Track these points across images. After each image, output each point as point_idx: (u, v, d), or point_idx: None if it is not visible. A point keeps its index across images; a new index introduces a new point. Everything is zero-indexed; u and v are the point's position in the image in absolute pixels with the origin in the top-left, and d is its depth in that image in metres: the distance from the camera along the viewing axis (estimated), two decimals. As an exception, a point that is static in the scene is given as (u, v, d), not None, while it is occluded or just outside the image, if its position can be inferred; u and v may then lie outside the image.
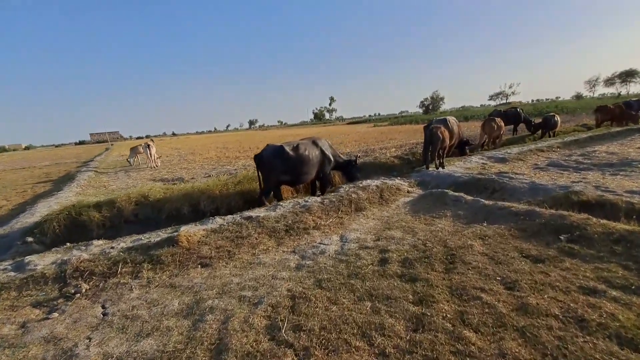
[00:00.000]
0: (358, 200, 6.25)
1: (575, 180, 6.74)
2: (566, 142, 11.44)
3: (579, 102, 44.15)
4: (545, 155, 10.02)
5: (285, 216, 5.39)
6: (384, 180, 7.59)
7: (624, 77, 74.29)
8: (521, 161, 9.38)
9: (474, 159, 9.72)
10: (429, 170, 8.32)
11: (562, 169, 7.89)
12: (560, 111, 31.02)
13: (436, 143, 8.31)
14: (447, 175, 7.69)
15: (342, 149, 17.40)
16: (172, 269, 3.95)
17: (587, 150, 10.02)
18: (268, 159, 6.44)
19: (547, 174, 7.59)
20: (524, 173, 7.62)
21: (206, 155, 20.16)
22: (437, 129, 8.37)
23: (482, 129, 12.25)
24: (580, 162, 8.62)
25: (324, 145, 7.17)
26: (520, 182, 6.41)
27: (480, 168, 8.43)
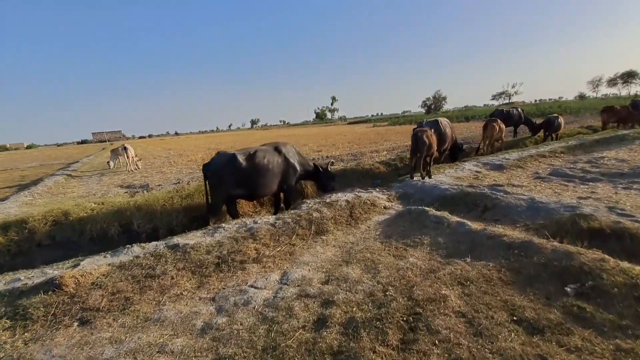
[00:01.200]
0: (321, 220, 5.20)
1: (582, 195, 5.66)
2: (571, 146, 10.34)
3: (582, 103, 42.93)
4: (547, 161, 8.93)
5: (222, 243, 4.34)
6: (358, 192, 6.53)
7: (626, 77, 73.23)
8: (520, 169, 8.29)
9: (467, 166, 8.64)
10: (413, 181, 7.25)
11: (567, 180, 6.81)
12: (564, 112, 29.86)
13: (422, 149, 7.24)
14: (433, 187, 6.62)
15: (332, 151, 16.38)
16: (39, 328, 2.91)
17: (595, 156, 8.92)
18: (217, 170, 5.39)
19: (550, 185, 6.51)
20: (523, 184, 6.54)
21: (192, 157, 19.26)
22: (423, 133, 7.31)
23: (484, 131, 11.14)
24: (587, 170, 7.53)
25: (288, 152, 6.11)
26: (517, 198, 5.34)
27: (472, 178, 7.35)
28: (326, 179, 6.77)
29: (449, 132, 9.63)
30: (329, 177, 6.79)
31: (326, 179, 6.77)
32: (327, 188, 6.90)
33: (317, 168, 6.65)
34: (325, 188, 6.92)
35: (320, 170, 6.67)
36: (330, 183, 6.88)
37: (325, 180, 6.78)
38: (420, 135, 7.25)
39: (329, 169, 6.81)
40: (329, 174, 6.78)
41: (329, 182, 6.84)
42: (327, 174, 6.75)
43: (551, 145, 10.74)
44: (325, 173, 6.72)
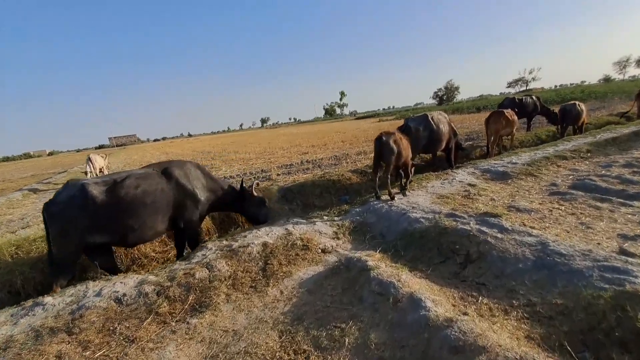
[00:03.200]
0: (208, 284, 3.37)
1: (628, 232, 3.55)
2: (600, 141, 8.04)
3: (608, 86, 39.05)
4: (569, 165, 6.73)
5: (9, 345, 2.59)
6: (293, 225, 4.63)
7: (660, 55, 67.08)
8: (531, 178, 6.16)
9: (460, 174, 6.56)
10: (378, 202, 5.27)
11: (599, 197, 4.67)
12: (588, 97, 26.73)
13: (388, 159, 5.25)
14: (401, 214, 4.63)
15: (318, 154, 14.49)
16: None
17: (634, 156, 6.66)
18: (60, 210, 3.61)
19: (573, 209, 4.40)
20: (532, 208, 4.45)
21: None
22: (390, 137, 5.29)
23: (486, 126, 8.89)
24: (627, 180, 5.34)
25: (183, 176, 4.26)
26: (518, 242, 3.31)
27: (461, 196, 5.28)
28: (252, 205, 4.91)
29: (445, 128, 7.58)
30: (255, 203, 4.92)
31: (252, 205, 4.91)
32: (258, 217, 5.06)
33: (235, 192, 4.80)
34: (253, 218, 5.08)
35: (243, 195, 4.81)
36: (260, 211, 5.02)
37: (251, 207, 4.92)
38: (385, 140, 5.24)
39: (253, 192, 4.91)
40: (255, 199, 4.90)
41: (257, 209, 4.98)
42: (253, 200, 4.89)
43: (573, 141, 8.44)
44: (250, 198, 4.86)
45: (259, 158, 16.37)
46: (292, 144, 21.92)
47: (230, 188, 4.80)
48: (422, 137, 7.19)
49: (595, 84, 71.24)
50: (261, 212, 5.04)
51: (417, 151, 7.47)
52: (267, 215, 5.14)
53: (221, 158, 18.64)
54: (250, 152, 20.36)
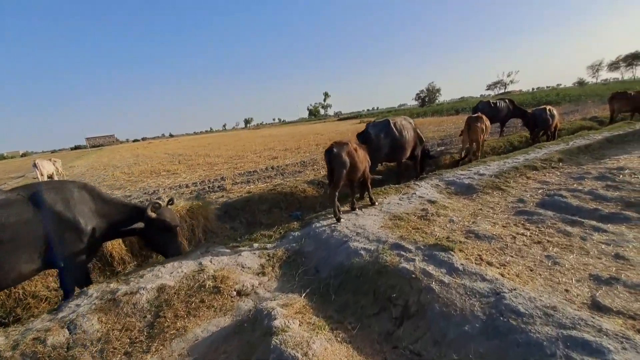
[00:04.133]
0: (61, 356, 2.49)
1: (601, 272, 2.88)
2: (572, 149, 7.56)
3: (582, 89, 39.97)
4: (539, 177, 6.16)
5: None
6: (207, 259, 3.77)
7: (630, 60, 69.82)
8: (498, 192, 5.53)
9: (423, 187, 5.88)
10: (318, 226, 4.48)
11: (570, 221, 4.04)
12: (562, 100, 27.02)
13: (338, 174, 4.47)
14: (341, 241, 3.87)
15: (289, 158, 13.66)
16: None
17: (609, 166, 6.15)
18: None
19: (539, 235, 3.74)
20: (492, 236, 3.77)
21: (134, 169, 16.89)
22: (342, 149, 4.49)
23: (467, 133, 8.26)
24: (601, 196, 4.77)
25: (61, 201, 3.32)
26: (468, 291, 2.59)
27: (417, 217, 4.55)
28: (156, 233, 3.95)
29: (410, 135, 6.90)
30: (161, 228, 3.94)
31: (156, 233, 3.95)
32: (164, 249, 4.05)
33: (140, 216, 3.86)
34: (158, 249, 4.11)
35: (150, 220, 3.87)
36: (166, 240, 4.03)
37: (155, 235, 3.96)
38: (336, 152, 4.45)
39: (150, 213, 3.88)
40: (161, 223, 3.93)
41: (162, 238, 3.99)
42: (158, 224, 3.91)
43: (545, 148, 7.95)
44: (152, 222, 3.86)
45: (226, 163, 15.42)
46: (266, 147, 21.04)
47: (133, 210, 3.88)
48: (384, 145, 6.49)
49: (570, 87, 73.42)
50: (168, 241, 4.05)
51: (379, 160, 6.78)
52: (176, 245, 4.17)
53: (187, 162, 17.59)
54: (221, 155, 19.37)
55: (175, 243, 4.08)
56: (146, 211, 3.81)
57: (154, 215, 3.85)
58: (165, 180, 12.09)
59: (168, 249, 4.00)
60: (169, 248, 4.01)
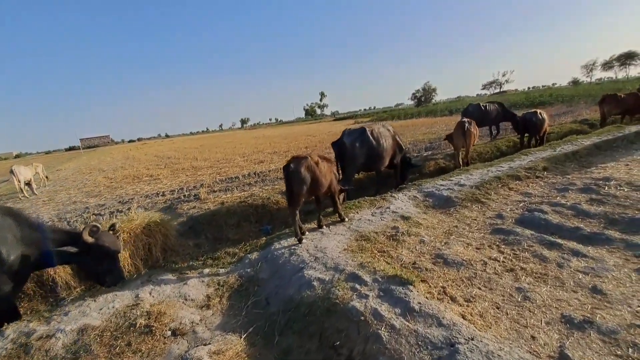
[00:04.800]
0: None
1: (576, 315, 2.55)
2: (559, 156, 7.25)
3: (576, 89, 39.87)
4: (521, 188, 5.83)
5: None
6: (146, 290, 3.40)
7: (623, 59, 70.00)
8: (477, 206, 5.20)
9: (399, 200, 5.53)
10: (278, 247, 4.13)
11: (547, 243, 3.70)
12: (555, 100, 26.83)
13: (299, 190, 4.11)
14: (297, 268, 3.52)
15: (275, 162, 13.30)
16: None
17: (595, 176, 5.84)
18: None
19: (512, 263, 3.40)
20: (462, 261, 3.42)
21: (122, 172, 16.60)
22: (300, 164, 4.12)
23: (461, 137, 7.93)
24: (583, 212, 4.45)
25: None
26: (420, 341, 2.24)
27: (385, 238, 4.19)
28: (93, 259, 3.52)
29: (388, 143, 6.57)
30: (99, 254, 3.51)
31: (93, 259, 3.52)
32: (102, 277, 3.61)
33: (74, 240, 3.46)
34: (95, 277, 3.67)
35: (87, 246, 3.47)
36: (103, 267, 3.57)
37: (92, 262, 3.53)
38: (294, 168, 4.08)
39: (101, 239, 3.49)
40: (99, 248, 3.51)
41: (98, 265, 3.53)
42: (95, 249, 3.48)
43: (531, 155, 7.63)
44: (89, 248, 3.44)
45: (212, 167, 15.06)
46: (256, 150, 20.68)
47: (66, 236, 3.50)
48: (360, 154, 6.15)
49: (565, 86, 73.57)
50: (106, 269, 3.59)
51: (356, 170, 6.44)
52: (116, 273, 3.69)
53: (173, 166, 17.22)
54: (208, 159, 19.00)
55: (114, 272, 3.67)
56: (82, 235, 3.43)
57: (90, 239, 3.47)
58: (145, 186, 11.74)
59: (106, 278, 3.59)
60: (107, 277, 3.59)
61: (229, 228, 5.83)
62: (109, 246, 3.59)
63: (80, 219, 7.66)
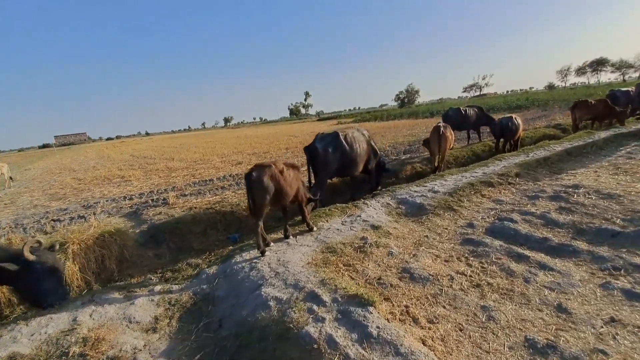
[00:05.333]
0: None
1: (540, 339, 2.42)
2: (531, 162, 7.31)
3: (551, 93, 41.28)
4: (494, 195, 5.80)
5: None
6: (86, 312, 3.06)
7: (595, 66, 73.27)
8: (449, 213, 5.11)
9: (371, 208, 5.38)
10: (239, 261, 3.87)
11: (515, 256, 3.62)
12: (532, 104, 27.61)
13: (261, 201, 3.87)
14: (255, 285, 3.27)
15: (251, 163, 12.91)
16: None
17: (565, 184, 5.88)
18: None
19: (479, 277, 3.28)
20: (428, 277, 3.28)
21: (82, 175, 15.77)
22: (263, 173, 3.86)
23: (437, 142, 7.84)
24: (552, 220, 4.42)
25: None
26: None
27: (353, 249, 4.00)
28: (31, 278, 3.14)
29: (362, 148, 6.40)
30: (38, 273, 3.11)
31: (31, 278, 3.14)
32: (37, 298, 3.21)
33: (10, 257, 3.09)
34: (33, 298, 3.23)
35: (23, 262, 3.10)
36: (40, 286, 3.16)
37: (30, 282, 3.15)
38: (256, 177, 3.83)
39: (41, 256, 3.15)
40: (39, 266, 3.12)
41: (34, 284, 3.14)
42: (34, 268, 3.10)
43: (505, 160, 7.67)
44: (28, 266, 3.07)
45: (187, 169, 14.53)
46: (236, 150, 20.21)
47: (5, 252, 3.12)
48: (333, 159, 5.95)
49: (541, 90, 76.21)
50: (45, 290, 3.19)
51: (328, 176, 6.24)
52: (57, 294, 3.28)
53: (147, 167, 16.58)
54: (185, 159, 18.39)
55: (57, 291, 3.31)
56: (22, 252, 3.07)
57: (32, 257, 3.11)
58: (114, 189, 11.18)
59: (47, 299, 3.20)
60: (48, 297, 3.21)
61: (194, 237, 5.51)
62: (51, 264, 3.23)
63: (38, 225, 7.14)
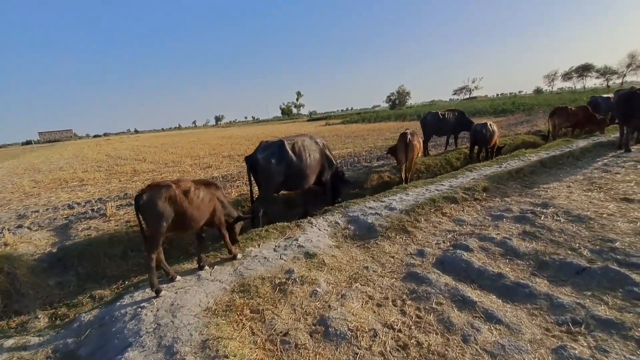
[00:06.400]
0: None
1: None
2: (502, 173, 6.73)
3: (537, 98, 41.36)
4: (456, 212, 5.17)
5: None
6: None
7: (581, 71, 74.44)
8: (402, 236, 4.46)
9: (315, 228, 4.70)
10: (125, 305, 3.14)
11: (459, 301, 2.97)
12: (517, 108, 27.37)
13: (154, 227, 3.15)
14: (126, 342, 2.55)
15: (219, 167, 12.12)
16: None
17: (534, 201, 5.29)
18: None
19: (409, 332, 2.61)
20: (348, 331, 2.59)
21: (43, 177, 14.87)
22: (158, 194, 3.14)
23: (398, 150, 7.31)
24: (513, 250, 3.79)
25: None
26: None
27: (270, 288, 3.28)
28: None
29: (313, 158, 5.71)
30: None
31: None
32: None
33: None
34: None
35: None
36: None
37: None
38: (147, 200, 3.08)
39: None
40: None
41: None
42: None
43: (476, 171, 7.07)
44: None
45: (154, 172, 13.73)
46: (212, 152, 19.40)
47: None
48: (276, 172, 5.24)
49: (529, 95, 76.99)
50: None
51: (272, 190, 5.53)
52: None
53: (113, 169, 15.75)
54: (157, 161, 17.55)
55: None
56: None
57: None
58: (65, 194, 10.34)
59: None
60: None
61: (111, 260, 4.74)
62: None
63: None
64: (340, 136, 22.71)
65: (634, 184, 5.59)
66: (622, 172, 6.39)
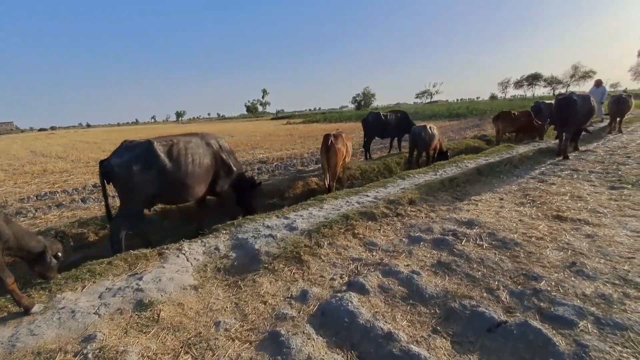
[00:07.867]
0: None
1: None
2: (434, 182, 5.99)
3: (491, 104, 43.19)
4: (370, 232, 4.26)
5: None
6: None
7: (531, 80, 79.93)
8: (294, 266, 3.43)
9: (182, 257, 3.56)
10: None
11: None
12: (470, 113, 28.00)
13: None
14: None
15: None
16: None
17: (460, 218, 4.52)
18: None
19: None
20: None
21: None
22: None
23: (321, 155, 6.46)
24: (418, 292, 2.89)
25: None
26: None
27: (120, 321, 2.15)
28: None
29: (200, 162, 4.53)
30: None
31: None
32: None
33: None
34: None
35: None
36: None
37: None
38: None
39: None
40: None
41: None
42: None
43: (408, 180, 6.29)
44: None
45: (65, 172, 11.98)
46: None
47: None
48: (142, 181, 3.97)
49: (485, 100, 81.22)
50: None
51: (138, 204, 4.20)
52: None
53: (20, 169, 13.85)
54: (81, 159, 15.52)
55: None
56: None
57: None
58: None
59: None
60: None
61: None
62: None
63: None
64: (294, 136, 21.69)
65: (568, 198, 5.04)
66: (557, 183, 5.92)
